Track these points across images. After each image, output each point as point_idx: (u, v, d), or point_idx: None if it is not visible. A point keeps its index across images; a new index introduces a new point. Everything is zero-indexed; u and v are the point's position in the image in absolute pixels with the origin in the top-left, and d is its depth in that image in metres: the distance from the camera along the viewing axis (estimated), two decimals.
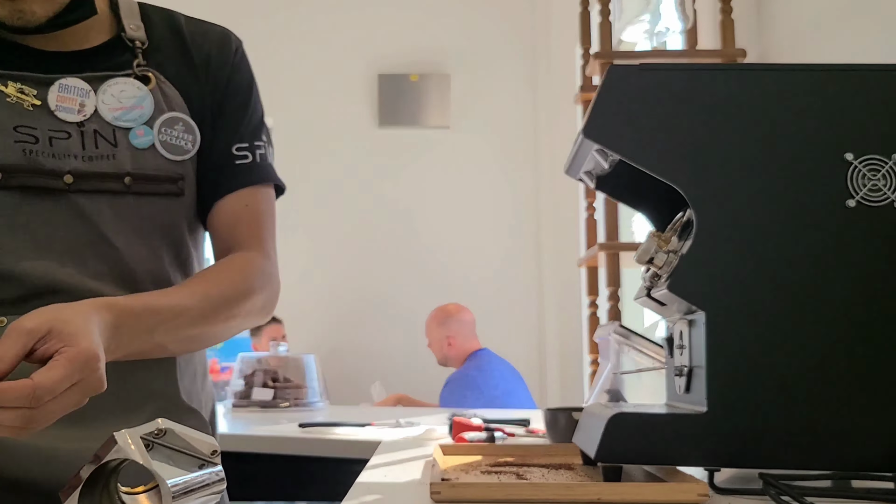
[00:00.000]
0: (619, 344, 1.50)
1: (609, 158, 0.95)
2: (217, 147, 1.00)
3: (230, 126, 1.01)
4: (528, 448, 1.09)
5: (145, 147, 0.93)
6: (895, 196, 0.81)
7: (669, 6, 1.91)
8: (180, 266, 1.00)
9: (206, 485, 0.64)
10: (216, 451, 0.65)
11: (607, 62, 2.05)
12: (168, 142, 0.94)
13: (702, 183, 0.82)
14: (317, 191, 4.30)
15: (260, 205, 1.03)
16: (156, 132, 0.93)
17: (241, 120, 1.02)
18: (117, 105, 0.92)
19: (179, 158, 0.95)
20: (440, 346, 3.32)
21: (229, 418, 2.31)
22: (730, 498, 0.79)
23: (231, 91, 1.02)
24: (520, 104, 4.37)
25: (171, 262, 0.98)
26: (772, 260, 0.81)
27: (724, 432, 0.79)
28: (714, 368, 0.80)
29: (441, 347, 3.32)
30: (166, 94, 0.96)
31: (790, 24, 1.77)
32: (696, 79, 0.85)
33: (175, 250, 0.99)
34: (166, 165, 0.94)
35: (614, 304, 2.04)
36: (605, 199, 2.15)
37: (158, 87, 0.95)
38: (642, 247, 0.88)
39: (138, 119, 0.93)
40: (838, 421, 0.79)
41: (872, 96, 0.83)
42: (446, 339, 3.28)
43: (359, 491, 0.85)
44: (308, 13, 4.45)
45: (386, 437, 1.50)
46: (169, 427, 0.62)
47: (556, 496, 0.76)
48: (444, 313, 3.38)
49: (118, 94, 0.93)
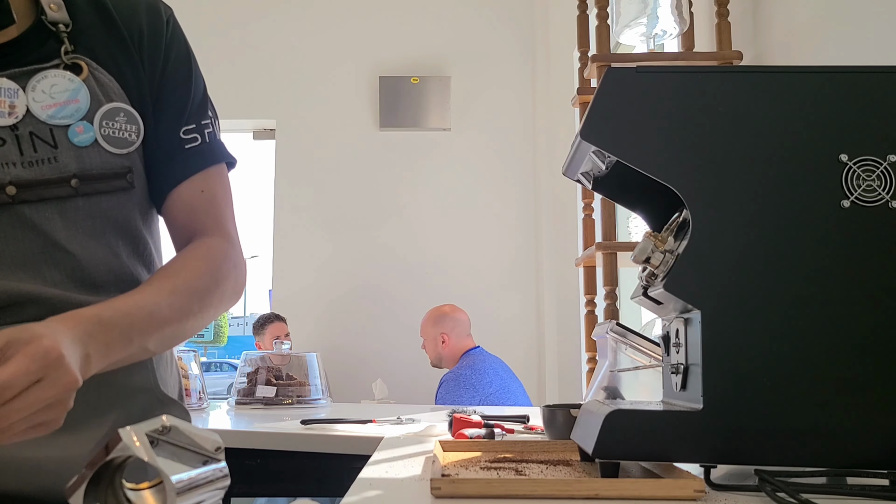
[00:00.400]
0: (616, 342, 1.51)
1: (606, 160, 0.96)
2: (163, 132, 0.94)
3: (174, 108, 0.94)
4: (527, 444, 1.10)
5: (87, 144, 0.86)
6: (890, 196, 0.81)
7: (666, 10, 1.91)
8: (139, 258, 0.96)
9: (210, 481, 0.64)
10: (220, 447, 0.66)
11: (605, 65, 2.06)
12: (111, 135, 0.88)
13: (698, 184, 0.83)
14: (318, 192, 4.31)
15: (216, 187, 0.98)
16: (96, 127, 0.87)
17: (185, 100, 0.95)
18: (50, 101, 0.85)
19: (125, 151, 0.89)
20: (434, 345, 3.33)
21: (233, 415, 2.31)
22: (726, 494, 0.79)
23: (170, 69, 0.95)
24: (519, 106, 4.38)
25: (129, 257, 0.94)
26: (767, 259, 0.82)
27: (720, 429, 0.80)
28: (710, 366, 0.81)
29: (435, 346, 3.32)
30: (101, 82, 0.89)
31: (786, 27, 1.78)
32: (692, 81, 0.85)
33: (132, 244, 0.95)
34: (112, 160, 0.88)
35: (611, 302, 2.05)
36: (603, 200, 2.16)
37: (92, 76, 0.88)
38: (639, 246, 0.89)
39: (75, 114, 0.86)
40: (833, 418, 0.79)
41: (867, 98, 0.83)
42: (440, 337, 3.29)
43: (360, 486, 0.86)
44: (309, 16, 4.45)
45: (387, 434, 1.51)
46: (173, 424, 0.63)
47: (554, 492, 0.77)
48: (438, 312, 3.40)
49: (49, 89, 0.85)
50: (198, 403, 2.41)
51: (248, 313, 30.66)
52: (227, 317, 20.31)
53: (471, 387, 3.00)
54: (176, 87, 0.95)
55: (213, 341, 17.92)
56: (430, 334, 3.36)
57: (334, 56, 4.42)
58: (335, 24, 4.44)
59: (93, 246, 0.88)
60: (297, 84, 4.41)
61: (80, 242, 0.87)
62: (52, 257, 0.85)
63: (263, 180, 4.76)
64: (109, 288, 0.89)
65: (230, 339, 20.91)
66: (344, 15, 4.44)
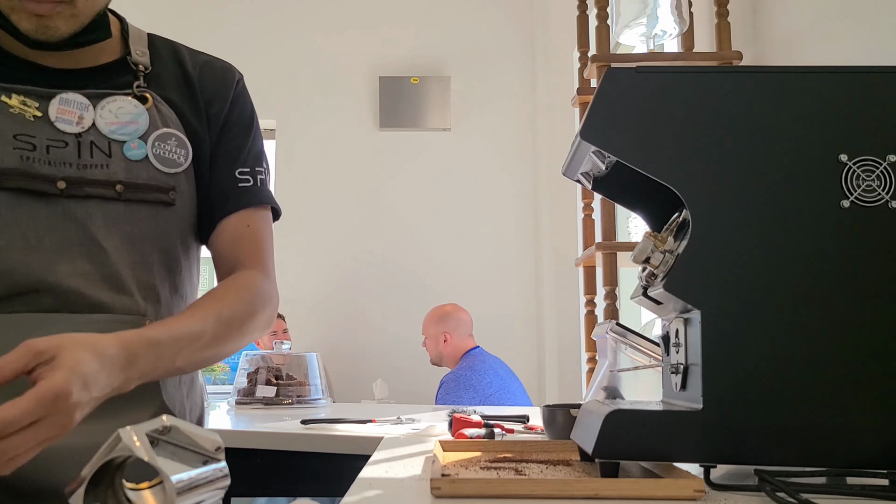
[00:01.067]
0: (616, 342, 1.51)
1: (606, 160, 0.96)
2: (220, 172, 1.05)
3: (232, 154, 1.06)
4: (527, 444, 1.10)
5: (139, 159, 0.97)
6: (889, 197, 0.82)
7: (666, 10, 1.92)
8: (169, 275, 1.02)
9: (210, 481, 0.64)
10: (220, 447, 0.66)
11: (605, 65, 2.06)
12: (161, 155, 0.98)
13: (697, 184, 0.83)
14: (318, 192, 4.31)
15: (260, 225, 1.08)
16: (149, 146, 0.98)
17: (242, 148, 1.08)
18: (114, 120, 0.96)
19: (172, 171, 0.99)
20: (435, 343, 3.34)
21: (233, 415, 2.31)
22: (725, 494, 0.79)
23: (233, 120, 1.07)
24: (519, 106, 4.38)
25: (159, 271, 1.00)
26: (767, 259, 0.82)
27: (720, 429, 0.80)
28: (710, 366, 0.81)
29: (436, 344, 3.33)
30: (162, 112, 1.00)
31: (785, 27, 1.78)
32: (692, 81, 0.86)
33: (164, 259, 1.01)
34: (158, 176, 0.98)
35: (611, 302, 2.05)
36: (603, 200, 2.16)
37: (155, 107, 1.00)
38: (639, 246, 0.89)
39: (133, 133, 0.97)
40: (833, 418, 0.79)
41: (867, 98, 0.84)
42: (442, 336, 3.30)
43: (360, 486, 0.86)
44: (309, 16, 4.45)
45: (387, 434, 1.51)
46: (174, 424, 0.63)
47: (554, 492, 0.77)
48: (442, 311, 3.40)
49: (116, 109, 0.97)
50: None
51: None
52: None
53: (471, 387, 3.01)
54: (237, 135, 1.07)
55: None
56: (431, 332, 3.37)
57: (334, 56, 4.43)
58: (335, 24, 4.44)
59: (126, 249, 0.96)
60: (297, 84, 4.41)
61: (114, 242, 0.95)
62: (86, 249, 0.93)
63: None
64: (132, 292, 0.96)
65: None
66: (344, 15, 4.44)
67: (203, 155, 1.04)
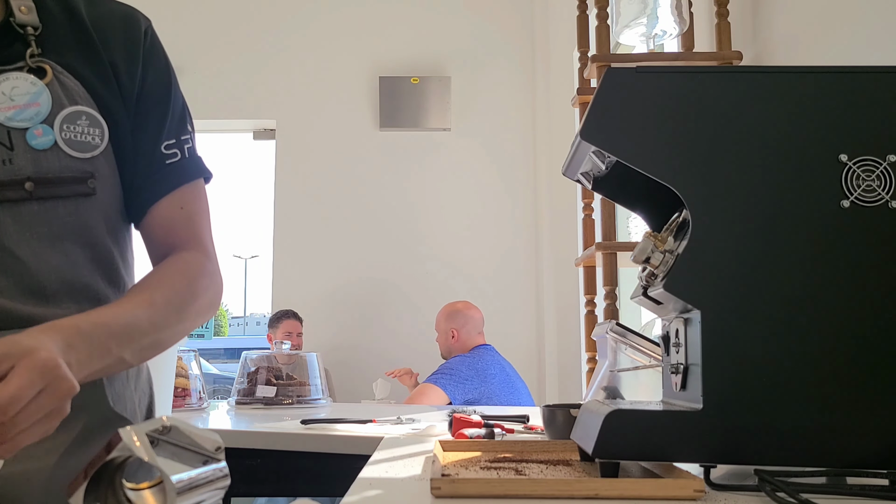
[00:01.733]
0: (616, 342, 1.51)
1: (606, 160, 0.96)
2: (143, 148, 0.92)
3: (154, 123, 0.93)
4: (527, 444, 1.10)
5: (46, 147, 0.84)
6: (889, 197, 0.81)
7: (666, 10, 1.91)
8: (100, 268, 0.92)
9: (210, 481, 0.65)
10: (220, 447, 0.66)
11: (604, 65, 2.06)
12: (72, 139, 0.85)
13: (697, 184, 0.83)
14: (318, 192, 4.31)
15: (195, 203, 0.97)
16: (57, 130, 0.84)
17: (165, 114, 0.94)
18: (9, 104, 0.82)
19: (88, 155, 0.86)
20: (445, 339, 3.35)
21: (233, 415, 2.31)
22: (726, 494, 0.79)
23: (149, 84, 0.93)
24: (519, 106, 4.38)
25: (87, 265, 0.90)
26: (767, 259, 0.82)
27: (720, 429, 0.80)
28: (710, 366, 0.81)
29: (446, 340, 3.34)
30: (66, 86, 0.86)
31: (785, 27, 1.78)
32: (692, 81, 0.86)
33: (91, 253, 0.91)
34: (73, 164, 0.85)
35: (611, 302, 2.05)
36: (603, 200, 2.16)
37: (56, 80, 0.85)
38: (639, 246, 0.89)
39: (35, 118, 0.83)
40: (833, 418, 0.79)
41: (867, 98, 0.84)
42: (451, 332, 3.31)
43: (360, 486, 0.86)
44: (309, 16, 4.45)
45: (387, 434, 1.51)
46: (174, 424, 0.63)
47: (554, 492, 0.77)
48: (452, 308, 3.42)
49: (10, 91, 0.83)
50: (198, 403, 2.41)
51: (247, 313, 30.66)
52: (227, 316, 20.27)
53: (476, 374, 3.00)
54: (157, 101, 0.93)
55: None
56: (442, 328, 3.39)
57: (334, 56, 4.43)
58: (335, 24, 4.44)
59: (46, 253, 0.84)
60: (297, 84, 4.41)
61: (31, 249, 0.83)
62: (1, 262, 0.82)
63: (263, 180, 4.76)
64: (61, 298, 0.86)
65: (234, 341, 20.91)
66: (344, 15, 4.44)
67: (121, 129, 0.89)
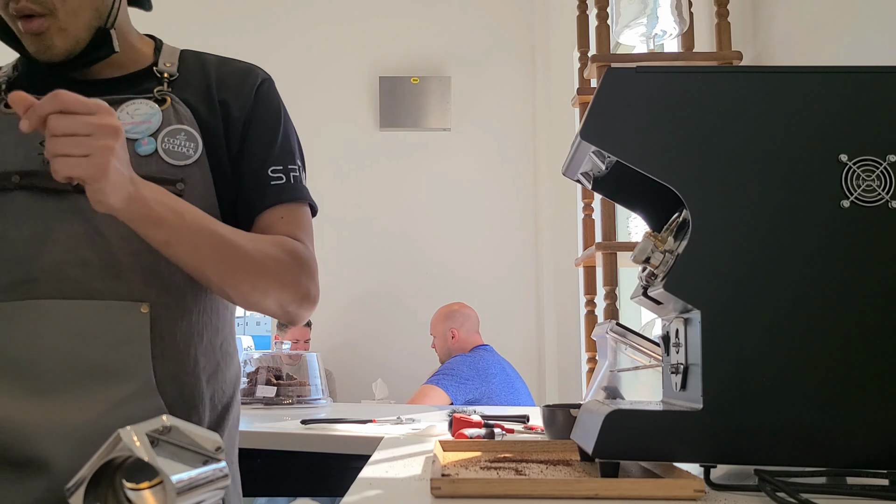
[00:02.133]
0: (616, 342, 1.51)
1: (606, 160, 0.96)
2: (251, 168, 1.08)
3: (260, 150, 1.09)
4: (527, 444, 1.10)
5: (148, 153, 1.01)
6: (889, 197, 0.81)
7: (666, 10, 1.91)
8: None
9: (210, 481, 0.64)
10: (220, 447, 0.66)
11: (604, 65, 2.06)
12: (170, 149, 1.02)
13: (697, 184, 0.83)
14: (318, 192, 4.29)
15: (296, 217, 1.12)
16: (159, 141, 1.02)
17: (271, 146, 1.10)
18: (129, 120, 1.02)
19: (181, 163, 1.02)
20: (444, 340, 3.34)
21: None
22: (726, 494, 0.79)
23: (257, 119, 1.10)
24: (519, 106, 4.38)
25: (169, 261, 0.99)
26: (767, 259, 0.82)
27: (720, 429, 0.80)
28: (710, 366, 0.81)
29: (445, 341, 3.34)
30: (178, 111, 1.05)
31: (785, 27, 1.78)
32: (692, 81, 0.86)
33: None
34: (167, 169, 1.01)
35: (611, 302, 2.05)
36: (603, 200, 2.16)
37: (172, 107, 1.05)
38: (639, 246, 0.89)
39: (145, 132, 1.02)
40: (834, 418, 0.79)
41: (867, 98, 0.84)
42: (450, 332, 3.31)
43: (360, 486, 0.86)
44: (309, 17, 4.46)
45: (387, 434, 1.51)
46: (174, 424, 0.63)
47: (554, 492, 0.77)
48: (448, 309, 3.42)
49: (133, 111, 1.03)
50: None
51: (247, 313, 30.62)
52: None
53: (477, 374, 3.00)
54: (263, 133, 1.10)
55: None
56: (440, 330, 3.38)
57: (334, 56, 4.43)
58: (335, 24, 4.45)
59: (132, 237, 0.96)
60: (297, 84, 4.41)
61: (118, 231, 0.98)
62: (90, 240, 0.98)
63: None
64: (131, 279, 0.99)
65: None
66: (344, 15, 4.44)
67: (219, 150, 1.07)
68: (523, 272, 4.28)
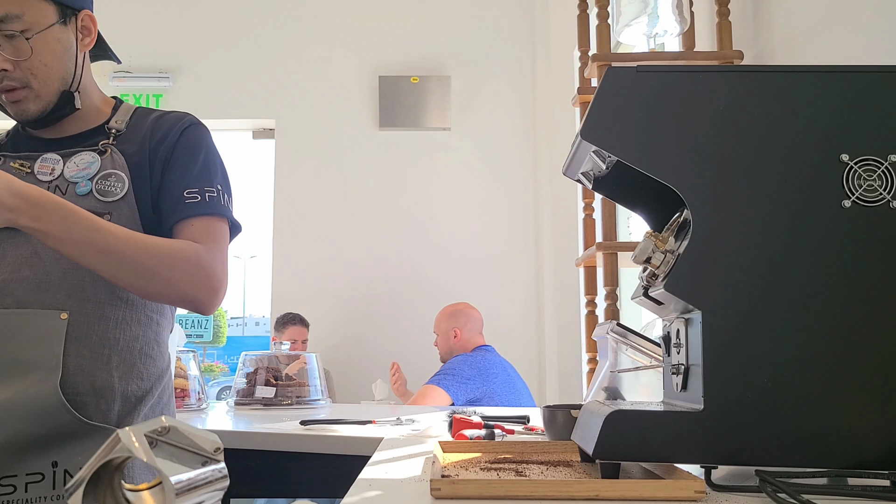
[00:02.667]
0: (617, 342, 1.51)
1: (606, 159, 0.96)
2: (170, 191, 1.28)
3: (177, 178, 1.29)
4: (527, 445, 1.10)
5: (84, 194, 1.25)
6: (891, 196, 0.81)
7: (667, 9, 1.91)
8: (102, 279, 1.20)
9: (210, 482, 0.64)
10: (219, 448, 0.66)
11: (605, 64, 2.06)
12: (102, 189, 1.25)
13: (698, 184, 0.83)
14: (317, 192, 4.31)
15: (204, 226, 1.27)
16: (94, 183, 1.25)
17: (187, 173, 1.30)
18: (74, 168, 1.27)
19: (110, 199, 1.25)
20: (446, 339, 3.34)
21: (232, 416, 2.31)
22: (726, 495, 0.79)
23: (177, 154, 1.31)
24: (519, 106, 4.38)
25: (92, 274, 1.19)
26: (768, 259, 0.82)
27: (721, 430, 0.80)
28: (710, 367, 0.81)
29: (447, 340, 3.33)
30: (114, 159, 1.28)
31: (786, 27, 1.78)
32: (693, 80, 0.85)
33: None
34: (98, 205, 1.24)
35: (612, 303, 2.05)
36: (603, 200, 2.16)
37: (110, 156, 1.28)
38: (640, 247, 0.89)
39: (84, 176, 1.26)
40: (834, 419, 0.79)
41: (868, 98, 0.83)
42: (453, 331, 3.31)
43: (360, 487, 0.86)
44: (309, 16, 4.45)
45: (387, 435, 1.50)
46: (173, 425, 0.63)
47: (554, 493, 0.77)
48: (452, 308, 3.42)
49: (78, 161, 1.28)
50: (197, 404, 2.41)
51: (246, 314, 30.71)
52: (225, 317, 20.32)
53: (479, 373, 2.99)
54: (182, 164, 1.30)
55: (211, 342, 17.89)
56: (443, 329, 3.38)
57: (334, 56, 4.43)
58: (335, 24, 4.44)
59: (63, 259, 1.19)
60: (297, 84, 4.41)
61: (53, 254, 1.20)
62: (30, 261, 1.22)
63: (263, 180, 4.77)
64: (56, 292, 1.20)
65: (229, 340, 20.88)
66: (344, 15, 4.44)
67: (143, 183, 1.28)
68: (523, 272, 4.27)
